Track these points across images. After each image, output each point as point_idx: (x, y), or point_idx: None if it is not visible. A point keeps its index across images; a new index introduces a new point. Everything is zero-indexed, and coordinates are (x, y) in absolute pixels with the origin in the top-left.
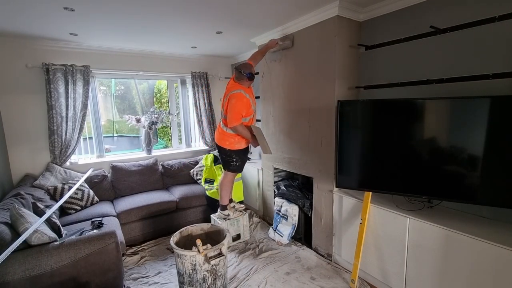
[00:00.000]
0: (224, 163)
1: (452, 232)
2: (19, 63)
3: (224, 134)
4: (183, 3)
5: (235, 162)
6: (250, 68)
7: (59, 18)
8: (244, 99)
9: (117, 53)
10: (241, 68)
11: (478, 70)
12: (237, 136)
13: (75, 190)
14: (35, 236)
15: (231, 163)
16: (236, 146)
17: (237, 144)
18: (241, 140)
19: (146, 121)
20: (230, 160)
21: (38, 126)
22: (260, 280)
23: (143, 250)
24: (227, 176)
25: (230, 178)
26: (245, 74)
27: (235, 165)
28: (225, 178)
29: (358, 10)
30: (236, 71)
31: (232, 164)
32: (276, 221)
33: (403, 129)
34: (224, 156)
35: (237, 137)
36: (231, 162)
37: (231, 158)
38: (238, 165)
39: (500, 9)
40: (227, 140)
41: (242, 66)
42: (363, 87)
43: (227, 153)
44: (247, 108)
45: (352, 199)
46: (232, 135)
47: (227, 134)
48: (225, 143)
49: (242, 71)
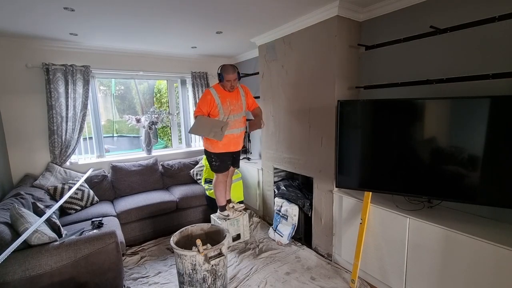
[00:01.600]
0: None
1: (452, 232)
2: (19, 63)
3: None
4: (183, 3)
5: (214, 162)
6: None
7: (59, 18)
8: (208, 96)
9: (117, 53)
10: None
11: (478, 70)
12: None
13: (75, 190)
14: (35, 236)
15: (212, 163)
16: (209, 148)
17: (209, 145)
18: (208, 141)
19: (146, 121)
20: (210, 160)
21: (38, 126)
22: (260, 280)
23: (143, 250)
24: (216, 177)
25: (220, 179)
26: (218, 71)
27: (215, 165)
28: (215, 180)
29: (358, 10)
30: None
31: (213, 164)
32: (276, 221)
33: (403, 129)
34: (207, 157)
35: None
36: (212, 162)
37: (210, 158)
38: (218, 165)
39: (500, 9)
40: (204, 141)
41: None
42: (363, 87)
43: (206, 153)
44: (208, 106)
45: (352, 199)
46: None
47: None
48: (204, 143)
49: (218, 71)
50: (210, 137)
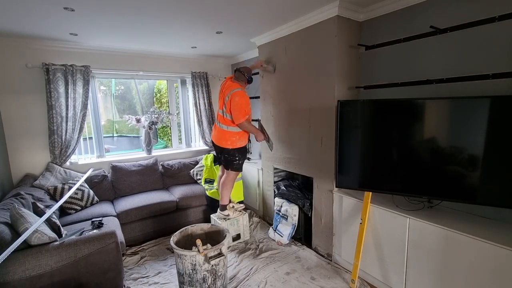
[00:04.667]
0: (226, 162)
1: (452, 232)
2: (19, 63)
3: (224, 133)
4: (183, 3)
5: (238, 161)
6: (250, 72)
7: (59, 18)
8: (247, 97)
9: (117, 53)
10: (244, 71)
11: (478, 70)
12: (238, 134)
13: (75, 190)
14: (35, 236)
15: (234, 162)
16: (238, 144)
17: (239, 142)
18: (242, 138)
19: (146, 121)
20: (233, 159)
21: (38, 126)
22: (260, 280)
23: (143, 250)
24: (229, 175)
25: (233, 177)
26: (247, 76)
27: (238, 163)
28: (227, 177)
29: (358, 10)
30: (237, 72)
31: (235, 163)
32: (276, 221)
33: (403, 129)
34: (227, 156)
35: (238, 134)
36: (234, 161)
37: (234, 157)
38: (241, 163)
39: (500, 9)
40: (229, 139)
41: (244, 68)
42: (363, 87)
43: (230, 152)
44: (249, 105)
45: (352, 199)
46: (233, 133)
47: (228, 133)
48: (226, 142)
49: (245, 74)
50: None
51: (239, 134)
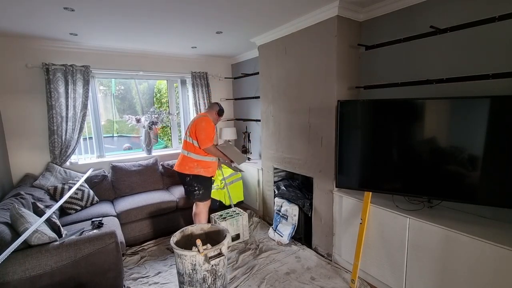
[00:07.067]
0: (187, 193)
1: (452, 232)
2: (19, 63)
3: (184, 159)
4: (183, 3)
5: (197, 190)
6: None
7: (59, 18)
8: (213, 125)
9: (117, 53)
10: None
11: (478, 70)
12: (197, 161)
13: (75, 190)
14: (35, 236)
15: (194, 192)
16: (195, 171)
17: (196, 169)
18: (200, 166)
19: (146, 121)
20: (192, 189)
21: (38, 126)
22: (260, 280)
23: (143, 250)
24: (198, 207)
25: (202, 208)
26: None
27: (199, 193)
28: (197, 209)
29: (358, 10)
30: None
31: (196, 193)
32: (276, 221)
33: (403, 129)
34: (186, 186)
35: (197, 162)
36: (194, 191)
37: (192, 186)
38: (202, 192)
39: (500, 9)
40: (187, 165)
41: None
42: (363, 87)
43: (186, 181)
44: (214, 134)
45: (352, 199)
46: (192, 160)
47: (188, 158)
48: (184, 168)
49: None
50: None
51: (197, 161)
